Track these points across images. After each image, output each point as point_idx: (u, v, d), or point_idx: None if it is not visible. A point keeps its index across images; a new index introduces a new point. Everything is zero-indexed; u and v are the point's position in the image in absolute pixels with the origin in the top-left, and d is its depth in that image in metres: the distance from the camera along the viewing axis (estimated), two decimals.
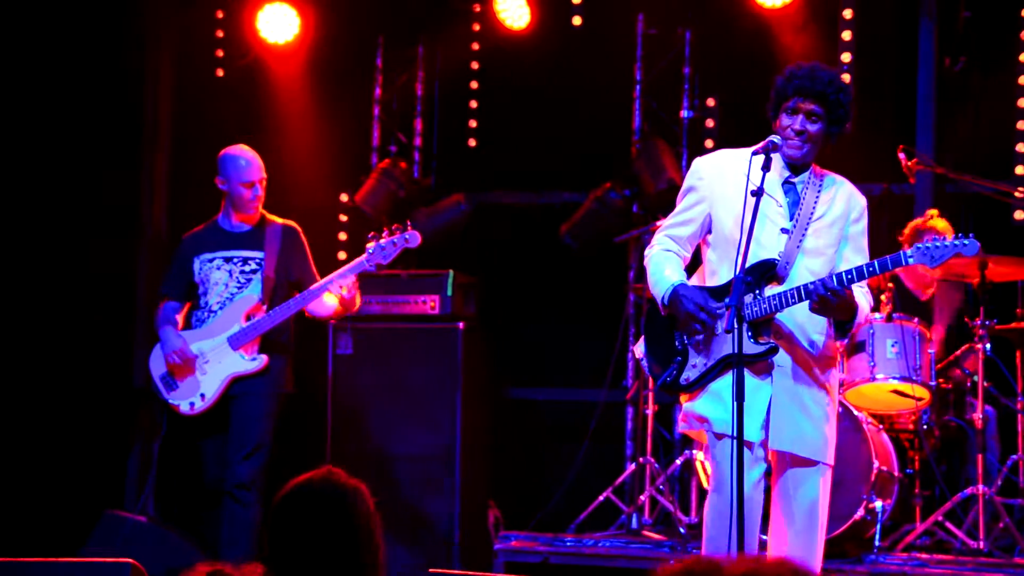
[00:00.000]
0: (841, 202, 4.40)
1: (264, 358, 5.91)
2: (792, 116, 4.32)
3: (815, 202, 4.35)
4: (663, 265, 4.41)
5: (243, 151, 6.04)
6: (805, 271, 4.30)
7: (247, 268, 6.00)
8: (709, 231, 4.45)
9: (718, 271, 4.40)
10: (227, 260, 6.01)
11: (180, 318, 6.10)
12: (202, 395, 5.92)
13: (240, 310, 5.94)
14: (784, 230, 4.32)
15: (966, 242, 4.16)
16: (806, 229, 4.32)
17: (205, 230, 6.12)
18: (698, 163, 4.52)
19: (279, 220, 6.14)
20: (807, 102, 4.29)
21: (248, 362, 5.91)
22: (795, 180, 4.38)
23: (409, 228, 5.86)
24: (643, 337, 4.56)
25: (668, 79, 8.00)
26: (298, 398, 6.19)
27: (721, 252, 4.39)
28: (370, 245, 5.83)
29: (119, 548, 6.03)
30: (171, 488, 7.55)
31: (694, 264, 4.59)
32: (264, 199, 6.09)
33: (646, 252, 4.53)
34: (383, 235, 5.84)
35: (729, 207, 4.34)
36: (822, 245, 4.35)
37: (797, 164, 4.37)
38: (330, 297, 5.92)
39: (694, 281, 4.47)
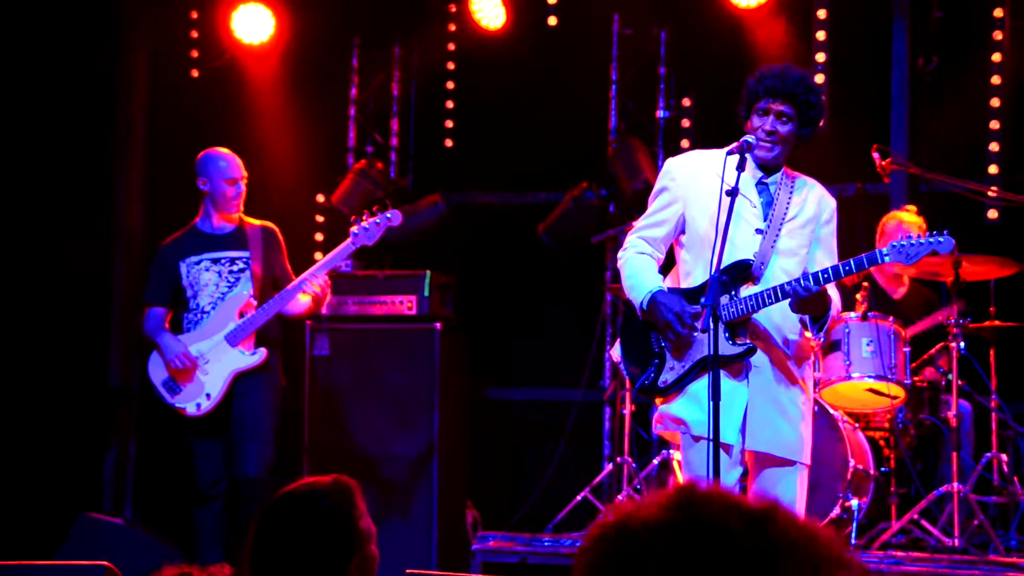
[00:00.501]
0: (813, 204, 4.42)
1: (263, 351, 6.01)
2: (763, 117, 4.33)
3: (788, 203, 4.36)
4: (639, 269, 4.41)
5: (222, 151, 6.14)
6: (780, 271, 4.31)
7: (235, 268, 6.08)
8: (682, 231, 4.46)
9: (693, 272, 4.41)
10: (214, 261, 6.09)
11: (166, 324, 6.14)
12: (207, 395, 5.99)
13: (233, 308, 6.01)
14: (758, 230, 4.33)
15: (941, 239, 4.18)
16: (779, 230, 4.34)
17: (185, 235, 6.17)
18: (670, 164, 4.53)
19: (257, 222, 6.21)
20: (777, 103, 4.30)
21: (249, 357, 5.99)
22: (768, 181, 4.40)
23: (389, 207, 6.00)
24: (619, 340, 4.56)
25: (644, 79, 8.01)
26: None
27: (696, 253, 4.40)
28: (354, 228, 5.94)
29: (95, 550, 6.01)
30: (165, 489, 7.54)
31: (667, 264, 4.60)
32: (245, 197, 6.14)
33: (619, 255, 4.52)
34: (364, 218, 5.95)
35: (703, 207, 4.35)
36: (795, 246, 4.36)
37: (769, 165, 4.38)
38: (303, 296, 5.98)
39: (668, 282, 4.48)
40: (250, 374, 5.99)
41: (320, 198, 8.33)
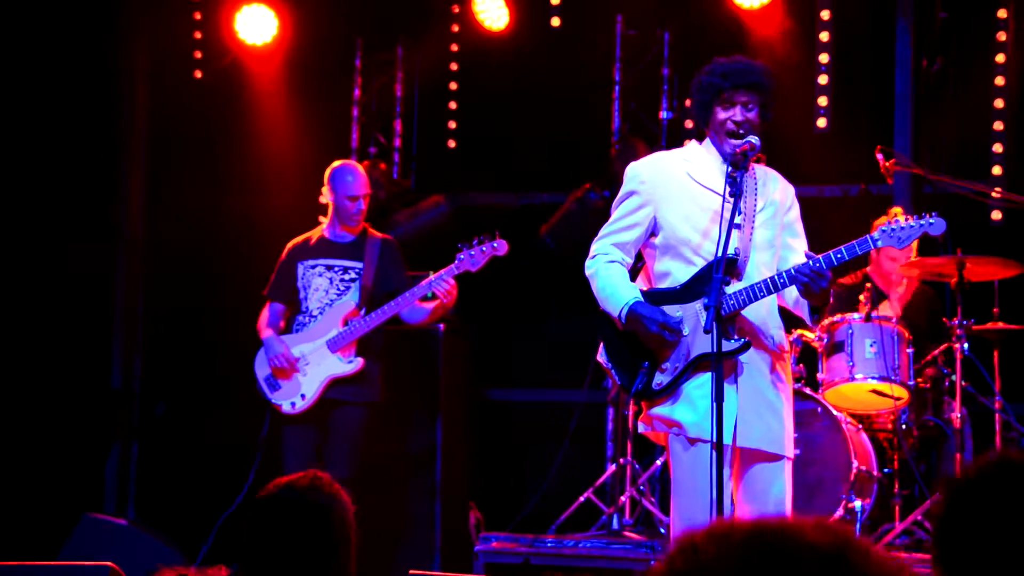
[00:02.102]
0: (776, 192, 4.41)
1: (361, 361, 6.15)
2: (729, 108, 4.30)
3: (756, 195, 4.35)
4: (612, 279, 4.36)
5: (352, 166, 6.37)
6: (760, 265, 4.31)
7: (347, 277, 6.24)
8: (653, 234, 4.43)
9: (671, 272, 4.37)
10: (328, 268, 6.26)
11: (283, 321, 6.31)
12: (303, 395, 6.16)
13: (338, 315, 6.17)
14: (736, 225, 4.30)
15: (932, 221, 4.16)
16: (753, 223, 4.33)
17: (311, 237, 6.35)
18: (635, 167, 4.50)
19: (378, 234, 6.38)
20: (742, 92, 4.28)
21: (345, 364, 6.15)
22: (735, 174, 4.38)
23: (497, 236, 6.15)
24: (602, 344, 4.47)
25: (647, 80, 8.01)
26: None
27: (673, 254, 4.35)
28: (460, 254, 6.10)
29: (98, 551, 6.01)
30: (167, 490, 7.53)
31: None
32: (367, 213, 6.31)
33: (588, 263, 4.45)
34: (471, 243, 6.10)
35: (676, 208, 4.34)
36: (770, 237, 4.36)
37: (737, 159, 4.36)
38: (426, 301, 6.16)
39: (639, 282, 4.45)
40: (346, 382, 6.14)
41: (323, 199, 8.32)
